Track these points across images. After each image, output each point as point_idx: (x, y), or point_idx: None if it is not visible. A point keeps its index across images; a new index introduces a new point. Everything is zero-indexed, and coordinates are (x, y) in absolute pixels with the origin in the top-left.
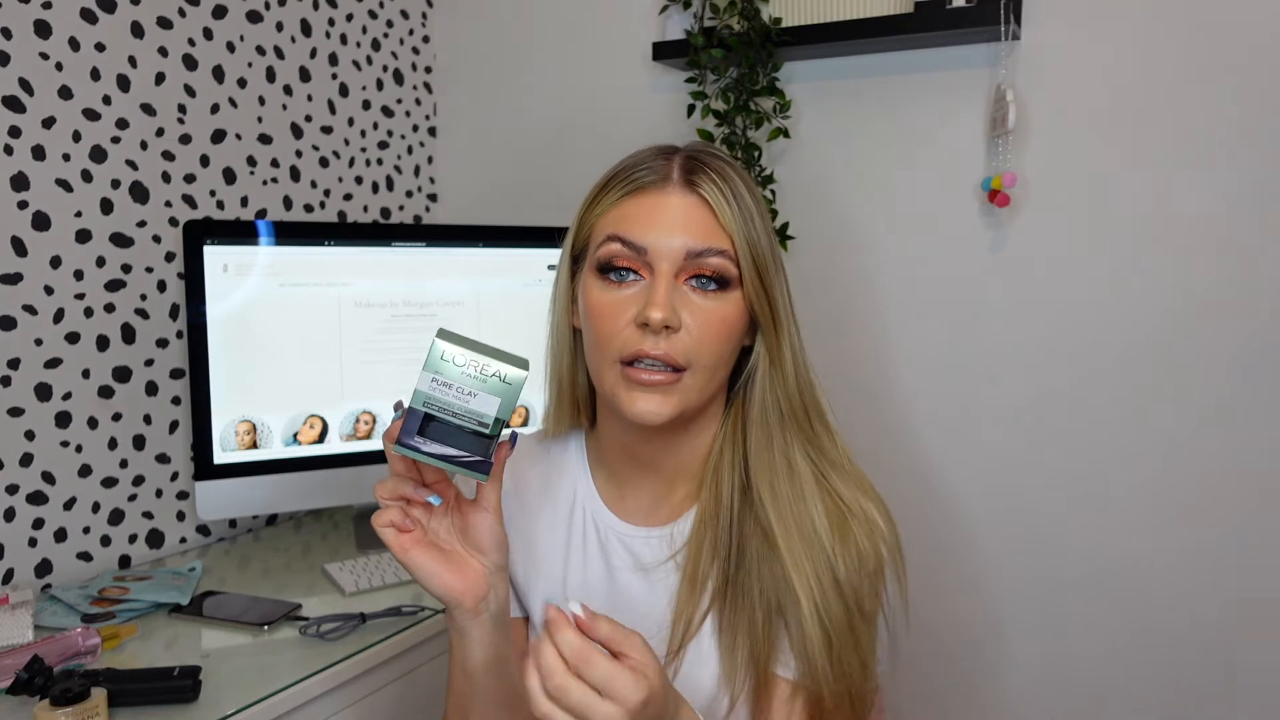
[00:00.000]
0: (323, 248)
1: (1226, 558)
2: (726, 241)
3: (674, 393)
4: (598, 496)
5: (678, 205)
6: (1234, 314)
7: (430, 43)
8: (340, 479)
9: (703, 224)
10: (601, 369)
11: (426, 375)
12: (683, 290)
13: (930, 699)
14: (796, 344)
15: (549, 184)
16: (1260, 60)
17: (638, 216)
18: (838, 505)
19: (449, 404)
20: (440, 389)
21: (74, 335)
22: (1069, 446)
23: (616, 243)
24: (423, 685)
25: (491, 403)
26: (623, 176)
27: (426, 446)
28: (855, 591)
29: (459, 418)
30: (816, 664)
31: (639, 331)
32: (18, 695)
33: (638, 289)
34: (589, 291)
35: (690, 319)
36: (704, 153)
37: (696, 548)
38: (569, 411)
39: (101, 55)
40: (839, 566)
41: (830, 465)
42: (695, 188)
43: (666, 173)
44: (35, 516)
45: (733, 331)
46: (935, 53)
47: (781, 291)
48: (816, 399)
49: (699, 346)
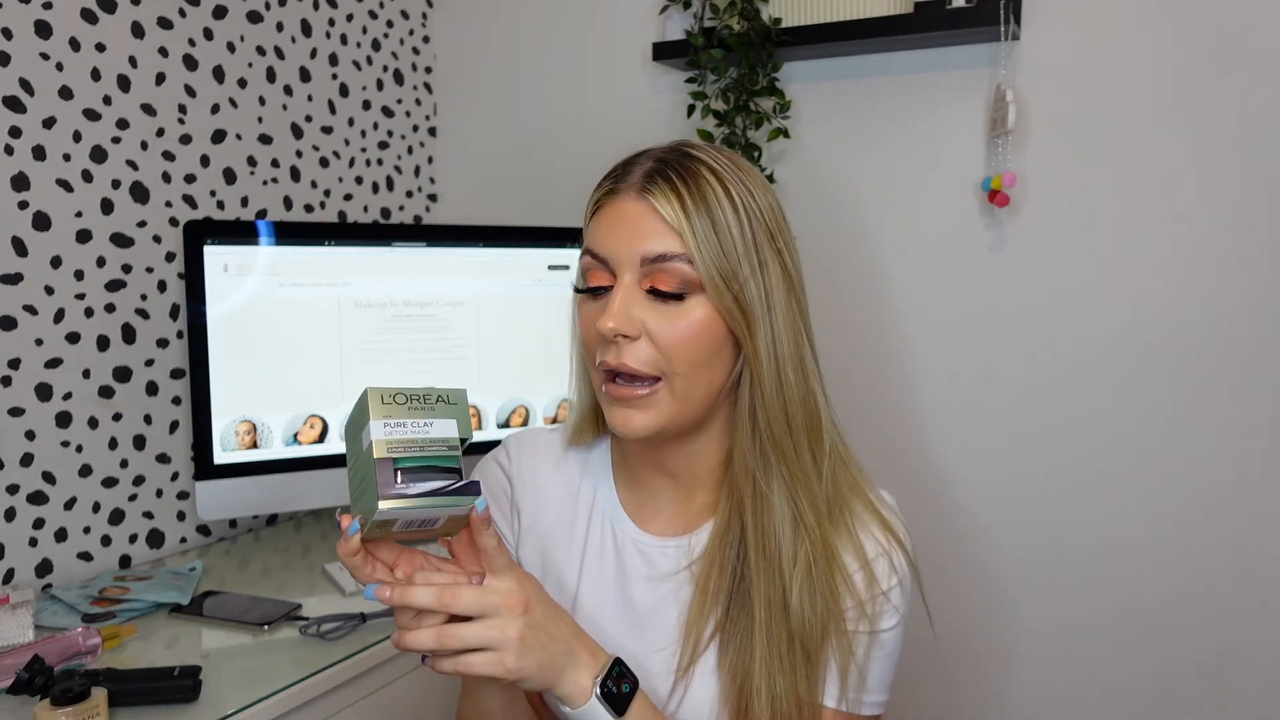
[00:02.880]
0: (323, 248)
1: (1231, 552)
2: (678, 244)
3: (652, 405)
4: (618, 503)
5: (632, 212)
6: (1234, 312)
7: (430, 43)
8: (341, 479)
9: (654, 228)
10: (595, 382)
11: (376, 423)
12: (646, 297)
13: (930, 697)
14: (786, 348)
15: (549, 184)
16: (1260, 60)
17: (601, 226)
18: (806, 537)
19: (411, 440)
20: (396, 429)
21: (74, 335)
22: (1069, 445)
23: (587, 255)
24: (423, 685)
25: (449, 425)
26: (598, 187)
27: (412, 489)
28: (805, 626)
29: (425, 449)
30: (751, 681)
31: (603, 343)
32: (18, 695)
33: (606, 300)
34: (577, 306)
35: (656, 325)
36: (674, 152)
37: (709, 561)
38: (590, 421)
39: (102, 55)
40: (791, 596)
41: (802, 487)
42: (646, 193)
43: (629, 179)
44: (36, 516)
45: (705, 336)
46: (935, 53)
47: (761, 294)
48: (811, 410)
49: (668, 352)
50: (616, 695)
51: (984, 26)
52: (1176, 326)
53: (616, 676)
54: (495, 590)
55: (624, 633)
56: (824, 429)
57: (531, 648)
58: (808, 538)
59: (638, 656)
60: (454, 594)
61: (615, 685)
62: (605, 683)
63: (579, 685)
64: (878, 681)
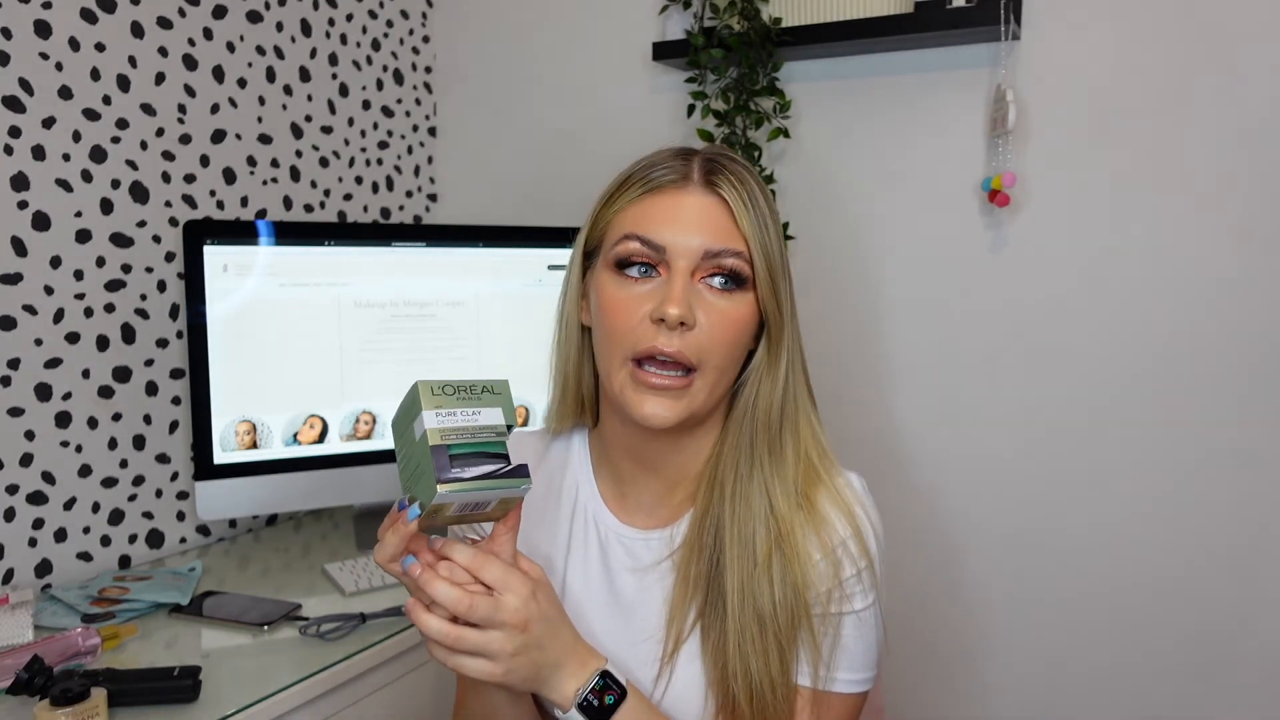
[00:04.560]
0: (323, 248)
1: (1227, 559)
2: (742, 243)
3: (683, 397)
4: (599, 497)
5: (696, 205)
6: (1235, 313)
7: (430, 43)
8: (340, 479)
9: (721, 225)
10: (612, 366)
11: (429, 413)
12: (698, 289)
13: (926, 700)
14: (794, 350)
15: (549, 184)
16: (1259, 59)
17: (656, 215)
18: (779, 526)
19: (462, 427)
20: (447, 418)
21: (74, 335)
22: (1068, 446)
23: (635, 240)
24: (423, 685)
25: (495, 413)
26: (641, 175)
27: (467, 473)
28: (775, 610)
29: (475, 436)
30: (729, 665)
31: (654, 327)
32: (18, 695)
33: (653, 286)
34: (603, 288)
35: (704, 317)
36: (723, 155)
37: (689, 548)
38: (573, 408)
39: (101, 55)
40: (760, 582)
41: (779, 478)
42: (715, 188)
43: (686, 173)
44: (35, 516)
45: (744, 332)
46: (935, 53)
47: (787, 297)
48: (797, 407)
49: (712, 345)
50: (597, 708)
51: (984, 26)
52: (1176, 326)
53: (599, 689)
54: (504, 608)
55: (611, 623)
56: (801, 425)
57: (521, 664)
58: (779, 526)
59: (625, 646)
60: (471, 604)
61: (597, 698)
62: (587, 696)
63: (562, 694)
64: (853, 660)
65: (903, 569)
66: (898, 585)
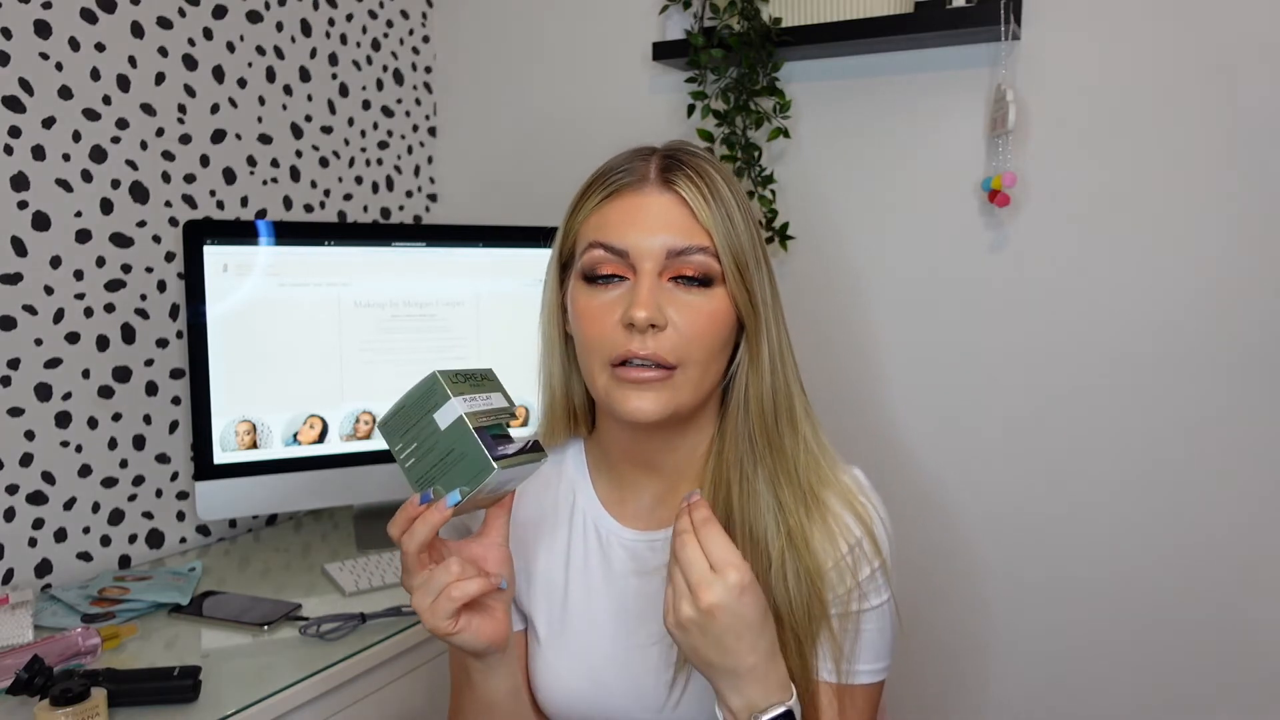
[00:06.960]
0: (323, 248)
1: (1227, 558)
2: (706, 238)
3: (665, 389)
4: (598, 502)
5: (655, 205)
6: (1235, 314)
7: (430, 43)
8: (340, 479)
9: (682, 222)
10: (593, 372)
11: (457, 400)
12: (668, 288)
13: (930, 700)
14: (776, 341)
15: (549, 184)
16: (1259, 60)
17: (617, 220)
18: (788, 522)
19: (485, 410)
20: (471, 403)
21: (74, 335)
22: (1068, 446)
23: (599, 248)
24: (423, 685)
25: (500, 397)
26: (600, 181)
27: (510, 450)
28: (791, 608)
29: (496, 418)
30: None
31: (626, 332)
32: (18, 695)
33: (622, 290)
34: (577, 298)
35: (677, 316)
36: (681, 151)
37: None
38: (563, 421)
39: (101, 55)
40: (775, 581)
41: (783, 473)
42: (672, 186)
43: (643, 173)
44: (35, 516)
45: (721, 326)
46: (935, 53)
47: (762, 287)
48: (790, 399)
49: (688, 343)
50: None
51: (984, 26)
52: (1177, 326)
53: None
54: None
55: (618, 630)
56: (798, 418)
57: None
58: (788, 523)
59: (633, 650)
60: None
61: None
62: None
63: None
64: (871, 652)
65: (903, 569)
66: (898, 586)
